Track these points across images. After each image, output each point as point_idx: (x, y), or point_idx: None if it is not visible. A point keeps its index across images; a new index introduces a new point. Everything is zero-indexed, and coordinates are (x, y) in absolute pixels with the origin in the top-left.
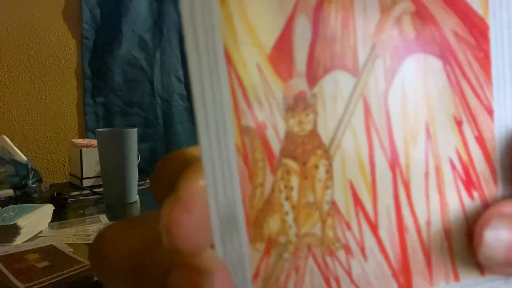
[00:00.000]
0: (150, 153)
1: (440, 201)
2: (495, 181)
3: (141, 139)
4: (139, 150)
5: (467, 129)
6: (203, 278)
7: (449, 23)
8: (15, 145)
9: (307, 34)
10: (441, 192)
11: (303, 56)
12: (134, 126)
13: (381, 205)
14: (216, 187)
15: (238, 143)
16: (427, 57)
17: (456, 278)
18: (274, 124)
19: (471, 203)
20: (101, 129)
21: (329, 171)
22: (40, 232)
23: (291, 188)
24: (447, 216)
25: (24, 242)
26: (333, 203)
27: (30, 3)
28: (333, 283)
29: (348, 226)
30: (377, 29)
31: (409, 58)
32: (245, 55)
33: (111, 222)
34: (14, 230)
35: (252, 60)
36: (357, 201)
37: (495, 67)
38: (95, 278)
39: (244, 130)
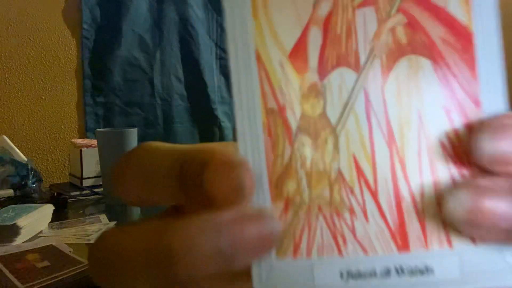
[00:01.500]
0: None
1: (432, 176)
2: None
3: (141, 139)
4: None
5: (455, 116)
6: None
7: (436, 32)
8: (15, 145)
9: (318, 39)
10: (433, 169)
11: (315, 55)
12: (134, 126)
13: (380, 176)
14: (247, 155)
15: (264, 121)
16: (418, 57)
17: (449, 244)
18: (292, 107)
19: (461, 179)
20: (101, 129)
21: (335, 146)
22: (40, 232)
23: (305, 158)
24: (439, 189)
25: (24, 242)
26: (339, 172)
27: (30, 3)
28: (340, 240)
29: (352, 192)
30: (375, 37)
31: (402, 59)
32: (270, 55)
33: (111, 225)
34: (14, 230)
35: (276, 59)
36: (359, 171)
37: (480, 67)
38: None
39: (269, 111)
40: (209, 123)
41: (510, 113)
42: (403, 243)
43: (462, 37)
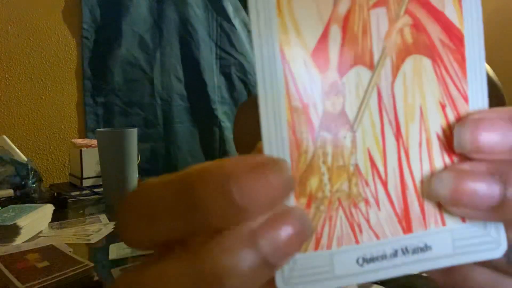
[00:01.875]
0: (150, 153)
1: (430, 165)
2: None
3: (141, 139)
4: (139, 150)
5: (449, 111)
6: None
7: (436, 33)
8: (15, 145)
9: (338, 38)
10: (430, 158)
11: (335, 54)
12: (134, 126)
13: (389, 167)
14: (272, 154)
15: (289, 119)
16: (421, 57)
17: (443, 223)
18: (315, 104)
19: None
20: (101, 129)
21: (353, 141)
22: (40, 232)
23: (327, 154)
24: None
25: (24, 242)
26: (356, 166)
27: (30, 3)
28: (356, 229)
29: (367, 184)
30: (386, 35)
31: (408, 58)
32: (295, 53)
33: (111, 225)
34: (14, 230)
35: (300, 57)
36: (373, 164)
37: (469, 66)
38: (95, 278)
39: (293, 109)
40: (209, 123)
41: (490, 109)
42: (407, 226)
43: (456, 38)
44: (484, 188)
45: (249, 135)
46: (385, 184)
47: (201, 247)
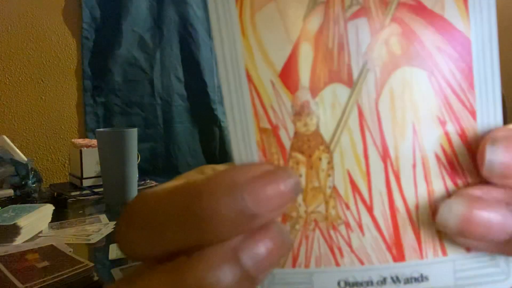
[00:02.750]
0: (150, 153)
1: (427, 188)
2: (478, 172)
3: (141, 139)
4: (139, 150)
5: (450, 127)
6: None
7: (432, 40)
8: (15, 145)
9: (309, 55)
10: (427, 180)
11: (306, 73)
12: (134, 126)
13: (375, 190)
14: None
15: (258, 140)
16: (412, 69)
17: (444, 253)
18: (285, 125)
19: (455, 190)
20: (101, 129)
21: (330, 162)
22: (40, 232)
23: (300, 175)
24: (433, 200)
25: (24, 242)
26: (334, 188)
27: (30, 3)
28: (336, 251)
29: (347, 207)
30: (368, 49)
31: (396, 71)
32: (261, 74)
33: (111, 225)
34: (14, 230)
35: (267, 78)
36: (354, 187)
37: (477, 76)
38: (95, 278)
39: (262, 130)
40: (209, 123)
41: None
42: (398, 254)
43: (460, 45)
44: (499, 219)
45: None
46: (369, 208)
47: (185, 261)
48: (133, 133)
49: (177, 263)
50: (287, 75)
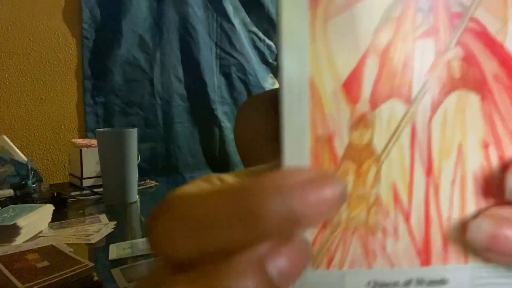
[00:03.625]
0: (150, 153)
1: (461, 203)
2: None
3: (141, 139)
4: (139, 150)
5: (492, 151)
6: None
7: (490, 67)
8: (15, 145)
9: (374, 69)
10: (463, 197)
11: (369, 86)
12: (134, 126)
13: (414, 201)
14: None
15: (311, 147)
16: (468, 93)
17: (466, 261)
18: (340, 135)
19: (487, 208)
20: (101, 129)
21: (377, 173)
22: (40, 232)
23: (348, 183)
24: (465, 215)
25: (24, 242)
26: (377, 198)
27: (30, 3)
28: (370, 254)
29: (387, 215)
30: (430, 69)
31: (453, 93)
32: (325, 83)
33: (111, 225)
34: (14, 230)
35: (330, 87)
36: (396, 198)
37: None
38: (95, 278)
39: (317, 138)
40: (209, 123)
41: None
42: (426, 259)
43: None
44: None
45: (250, 135)
46: (407, 217)
47: (212, 269)
48: (133, 133)
49: (203, 271)
50: (351, 86)
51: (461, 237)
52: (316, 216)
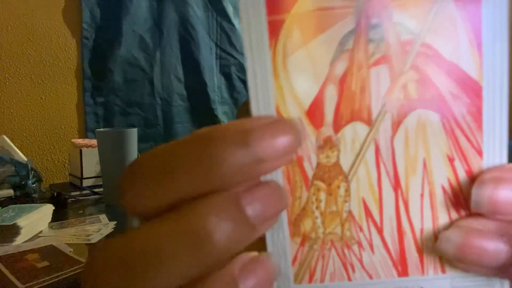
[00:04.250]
0: None
1: (432, 215)
2: None
3: (141, 139)
4: (139, 150)
5: (458, 164)
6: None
7: (446, 86)
8: (15, 145)
9: (334, 96)
10: (433, 209)
11: (331, 111)
12: (134, 126)
13: (385, 215)
14: None
15: (284, 169)
16: (427, 111)
17: (443, 271)
18: (308, 157)
19: (457, 219)
20: (101, 129)
21: (347, 190)
22: (40, 232)
23: (320, 201)
24: (437, 226)
25: (24, 242)
26: (349, 212)
27: (30, 3)
28: (349, 267)
29: (361, 229)
30: (387, 93)
31: (412, 113)
32: (290, 112)
33: (111, 225)
34: (14, 230)
35: (295, 115)
36: (367, 212)
37: (485, 119)
38: None
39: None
40: (209, 123)
41: (508, 165)
42: (403, 270)
43: (471, 90)
44: (491, 248)
45: None
46: (380, 231)
47: (188, 208)
48: (133, 133)
49: (179, 210)
50: (313, 113)
51: (435, 248)
52: (276, 157)
